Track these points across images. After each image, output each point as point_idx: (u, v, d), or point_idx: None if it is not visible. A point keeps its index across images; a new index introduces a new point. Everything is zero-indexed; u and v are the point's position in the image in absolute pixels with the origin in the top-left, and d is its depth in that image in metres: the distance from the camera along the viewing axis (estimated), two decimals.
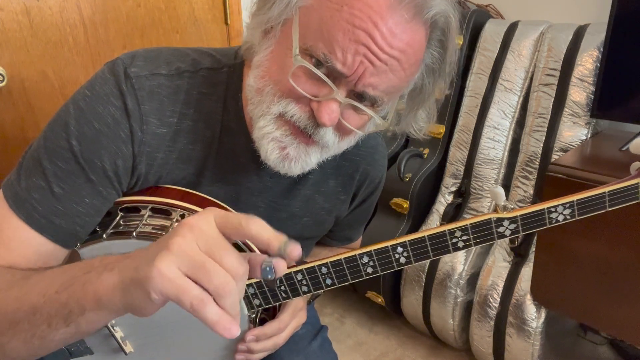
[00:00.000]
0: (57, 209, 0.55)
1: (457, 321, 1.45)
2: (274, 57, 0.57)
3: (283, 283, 0.59)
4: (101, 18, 1.26)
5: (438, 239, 0.56)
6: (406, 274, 1.54)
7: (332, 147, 0.59)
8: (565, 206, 0.55)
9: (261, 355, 0.67)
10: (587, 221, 1.11)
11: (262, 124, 0.57)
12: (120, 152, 0.57)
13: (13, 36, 1.13)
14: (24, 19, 1.14)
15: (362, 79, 0.53)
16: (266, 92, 0.56)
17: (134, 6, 1.32)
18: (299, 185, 0.71)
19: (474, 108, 1.50)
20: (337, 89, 0.53)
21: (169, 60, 0.62)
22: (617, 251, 1.03)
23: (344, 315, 1.77)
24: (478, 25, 1.52)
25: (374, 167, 0.78)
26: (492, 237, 0.56)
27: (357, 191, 0.78)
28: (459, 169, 1.52)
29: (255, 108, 0.58)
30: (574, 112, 1.30)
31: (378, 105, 0.57)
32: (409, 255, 0.57)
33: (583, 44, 1.30)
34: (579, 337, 1.54)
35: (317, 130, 0.56)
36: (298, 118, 0.55)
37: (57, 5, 1.18)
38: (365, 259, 0.57)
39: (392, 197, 1.58)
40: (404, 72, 0.55)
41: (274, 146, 0.57)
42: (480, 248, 1.45)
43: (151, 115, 0.58)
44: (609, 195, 0.55)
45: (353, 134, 0.60)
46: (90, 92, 0.57)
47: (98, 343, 0.63)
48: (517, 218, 0.55)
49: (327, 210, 0.76)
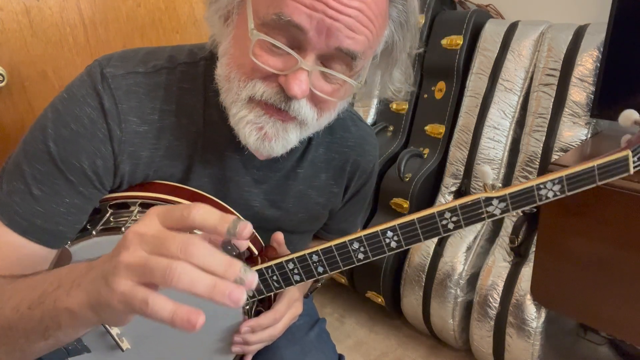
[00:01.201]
0: (37, 211, 0.55)
1: (457, 321, 1.45)
2: (235, 41, 0.56)
3: (275, 273, 0.59)
4: (101, 18, 1.26)
5: (428, 221, 0.55)
6: (406, 274, 1.54)
7: (311, 123, 0.58)
8: (554, 182, 0.54)
9: (258, 346, 0.67)
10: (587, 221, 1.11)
11: (235, 111, 0.57)
12: (99, 152, 0.57)
13: (13, 36, 1.13)
14: (24, 19, 1.14)
15: (331, 33, 0.51)
16: (232, 77, 0.56)
17: (134, 6, 1.32)
18: (290, 180, 0.71)
19: (474, 108, 1.50)
20: (301, 58, 0.52)
21: (146, 58, 0.62)
22: (617, 251, 1.03)
23: (344, 315, 1.77)
24: (478, 25, 1.52)
25: (365, 157, 0.77)
26: (482, 217, 0.55)
27: (350, 183, 0.78)
28: (459, 169, 1.52)
29: (227, 96, 0.58)
30: (574, 112, 1.30)
31: (351, 69, 0.56)
32: (399, 240, 0.56)
33: (583, 44, 1.30)
34: (579, 337, 1.54)
35: (290, 104, 0.54)
36: (268, 95, 0.54)
37: (57, 5, 1.18)
38: (355, 245, 0.57)
39: (392, 197, 1.58)
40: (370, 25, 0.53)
41: (251, 128, 0.56)
42: (480, 248, 1.45)
43: (130, 114, 0.58)
44: (598, 168, 0.53)
45: (331, 106, 0.59)
46: (67, 94, 0.58)
47: (95, 341, 0.63)
48: (506, 196, 0.54)
49: (321, 205, 0.76)
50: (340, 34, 0.51)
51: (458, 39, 1.52)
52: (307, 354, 0.74)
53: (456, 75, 1.54)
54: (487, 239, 1.47)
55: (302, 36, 0.51)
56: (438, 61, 1.58)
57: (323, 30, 0.51)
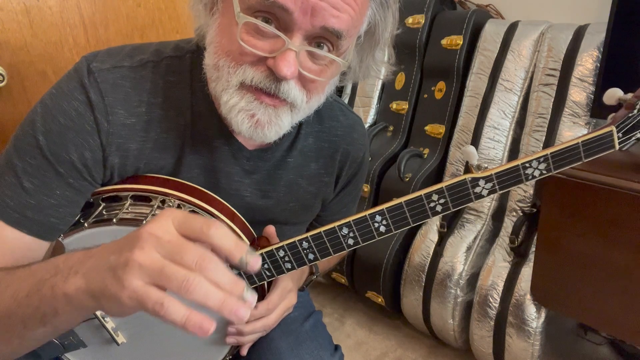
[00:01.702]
0: (28, 203, 0.56)
1: (457, 321, 1.45)
2: (221, 29, 0.57)
3: (266, 261, 0.60)
4: (101, 18, 1.26)
5: (415, 203, 0.55)
6: (406, 274, 1.54)
7: (301, 106, 0.59)
8: (539, 160, 0.54)
9: (252, 337, 0.67)
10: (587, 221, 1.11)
11: (226, 99, 0.57)
12: (87, 144, 0.58)
13: (13, 36, 1.13)
14: (24, 19, 1.14)
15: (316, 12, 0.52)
16: (221, 65, 0.56)
17: (134, 6, 1.32)
18: (280, 170, 0.72)
19: (474, 108, 1.50)
20: (289, 39, 0.53)
21: (132, 53, 0.63)
22: (617, 251, 1.03)
23: (343, 315, 1.77)
24: (478, 25, 1.52)
25: (354, 145, 0.77)
26: (469, 197, 0.55)
27: (340, 172, 0.78)
28: (459, 169, 1.52)
29: (217, 85, 0.58)
30: (574, 112, 1.30)
31: (337, 48, 0.56)
32: (388, 224, 0.56)
33: (583, 44, 1.30)
34: (579, 337, 1.54)
35: (280, 86, 0.55)
36: (258, 80, 0.55)
37: (57, 5, 1.18)
38: (345, 230, 0.57)
39: (392, 197, 1.57)
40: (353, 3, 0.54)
41: (243, 116, 0.57)
42: (480, 248, 1.45)
43: (117, 107, 0.59)
44: (583, 145, 0.53)
45: (319, 87, 0.60)
46: (56, 90, 0.59)
47: (90, 335, 0.64)
48: (492, 176, 0.54)
49: (312, 194, 0.76)
50: (325, 12, 0.52)
51: (458, 39, 1.52)
52: (302, 344, 0.74)
53: (456, 75, 1.54)
54: (487, 239, 1.47)
55: (287, 17, 0.52)
56: (438, 61, 1.58)
57: (308, 10, 0.51)
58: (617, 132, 0.54)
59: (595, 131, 0.54)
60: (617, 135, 0.54)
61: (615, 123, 0.54)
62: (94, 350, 0.65)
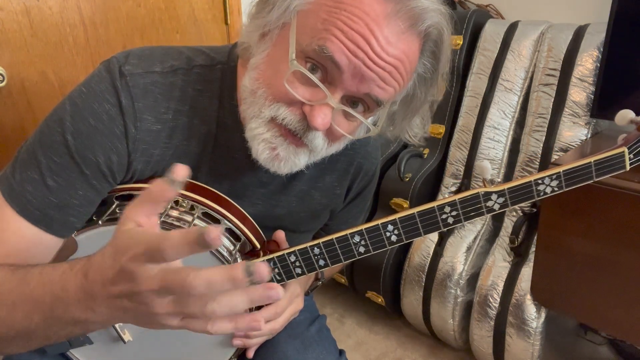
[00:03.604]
0: (50, 201, 0.56)
1: (457, 321, 1.45)
2: (269, 60, 0.57)
3: (277, 266, 0.60)
4: (101, 18, 1.26)
5: (428, 215, 0.56)
6: (406, 274, 1.54)
7: (320, 151, 0.60)
8: (552, 177, 0.55)
9: (258, 340, 0.67)
10: (587, 221, 1.11)
11: (253, 125, 0.58)
12: (115, 148, 0.58)
13: (13, 36, 1.13)
14: (24, 19, 1.14)
15: (363, 81, 0.53)
16: (259, 94, 0.57)
17: (134, 6, 1.32)
18: (294, 181, 0.72)
19: (474, 108, 1.50)
20: (330, 95, 0.54)
21: (163, 58, 0.63)
22: (617, 251, 1.03)
23: (343, 315, 1.77)
24: (478, 25, 1.52)
25: (368, 159, 0.79)
26: (481, 211, 0.56)
27: (352, 184, 0.79)
28: (459, 169, 1.52)
29: (248, 108, 0.59)
30: (574, 112, 1.30)
31: (370, 111, 0.58)
32: (399, 233, 0.57)
33: (583, 44, 1.30)
34: (579, 337, 1.54)
35: (308, 133, 0.57)
36: (289, 121, 0.56)
37: (57, 5, 1.18)
38: (356, 238, 0.58)
39: (392, 197, 1.58)
40: (401, 80, 0.56)
41: (265, 147, 0.58)
42: (480, 248, 1.45)
43: (145, 113, 0.59)
44: (595, 164, 0.54)
45: (342, 139, 0.62)
46: (86, 89, 0.58)
47: (97, 332, 0.64)
48: (505, 191, 0.55)
49: (323, 205, 0.77)
50: (373, 83, 0.54)
51: (458, 39, 1.52)
52: (308, 348, 0.74)
53: (456, 75, 1.54)
54: (487, 239, 1.47)
55: (336, 74, 0.53)
56: None
57: (357, 76, 0.53)
58: (629, 153, 0.55)
59: (608, 151, 0.55)
60: (629, 157, 0.55)
61: (627, 144, 0.55)
62: (100, 348, 0.66)
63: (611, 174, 0.55)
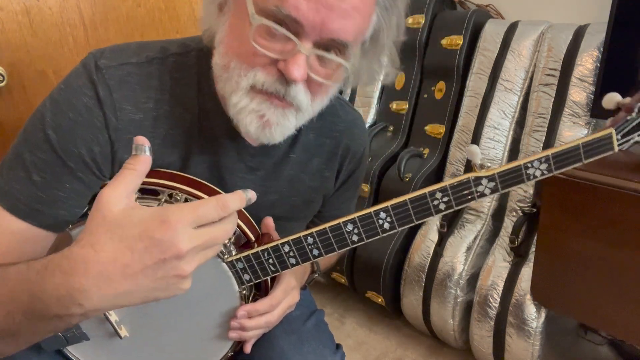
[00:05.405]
0: (38, 197, 0.57)
1: (457, 321, 1.45)
2: (232, 30, 0.58)
3: (271, 256, 0.60)
4: (101, 18, 1.26)
5: (419, 201, 0.57)
6: (406, 274, 1.54)
7: (306, 108, 0.60)
8: (541, 161, 0.56)
9: (255, 333, 0.67)
10: (587, 221, 1.11)
11: (235, 100, 0.58)
12: (96, 139, 0.59)
13: (13, 36, 1.13)
14: (24, 19, 1.14)
15: (325, 26, 0.53)
16: (232, 67, 0.57)
17: (134, 6, 1.32)
18: (282, 165, 0.73)
19: (474, 108, 1.50)
20: (300, 42, 0.54)
21: (138, 51, 0.64)
22: (617, 251, 1.03)
23: (343, 315, 1.77)
24: (478, 25, 1.52)
25: (355, 140, 0.79)
26: (472, 196, 0.57)
27: (341, 167, 0.80)
28: (459, 169, 1.52)
29: (225, 85, 0.59)
30: (574, 112, 1.30)
31: (344, 53, 0.58)
32: (392, 221, 0.58)
33: (583, 44, 1.30)
34: (579, 337, 1.54)
35: (289, 90, 0.57)
36: (269, 83, 0.56)
37: (57, 5, 1.18)
38: (349, 227, 0.58)
39: (392, 197, 1.57)
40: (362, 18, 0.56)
41: (253, 117, 0.58)
42: (480, 248, 1.45)
43: (124, 103, 0.60)
44: (584, 146, 0.55)
45: (324, 91, 0.61)
46: (64, 85, 0.60)
47: (93, 328, 0.65)
48: (495, 176, 0.56)
49: (314, 189, 0.78)
50: (334, 26, 0.54)
51: (458, 39, 1.52)
52: (304, 343, 0.74)
53: (456, 75, 1.54)
54: (487, 239, 1.47)
55: (298, 27, 0.53)
56: (438, 61, 1.58)
57: (318, 23, 0.53)
58: (617, 134, 0.56)
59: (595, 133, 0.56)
60: (616, 138, 0.56)
61: (614, 125, 0.56)
62: (96, 344, 0.66)
63: (600, 156, 0.56)
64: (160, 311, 0.64)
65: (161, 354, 0.69)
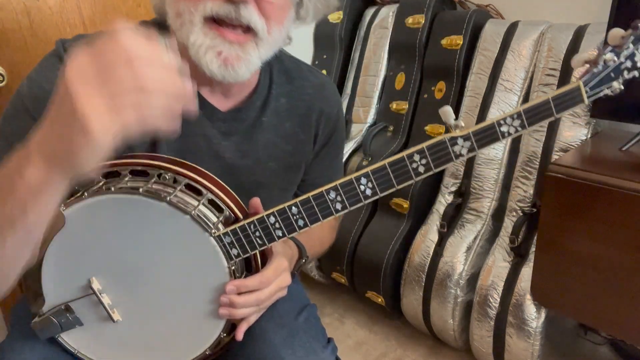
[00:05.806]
0: None
1: (457, 321, 1.45)
2: None
3: (257, 229, 0.62)
4: (101, 18, 1.26)
5: (398, 164, 0.59)
6: (406, 274, 1.54)
7: (263, 36, 0.62)
8: (513, 117, 0.58)
9: (245, 311, 0.67)
10: (587, 221, 1.11)
11: (192, 39, 0.60)
12: None
13: (13, 36, 1.13)
14: (24, 19, 1.14)
15: None
16: (182, 9, 0.60)
17: (134, 6, 1.32)
18: (256, 129, 0.75)
19: (474, 108, 1.50)
20: None
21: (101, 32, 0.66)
22: (617, 251, 1.03)
23: (343, 315, 1.77)
24: (478, 25, 1.52)
25: (326, 102, 0.81)
26: (449, 157, 0.59)
27: (317, 131, 0.81)
28: (459, 169, 1.52)
29: (182, 31, 0.61)
30: (574, 112, 1.30)
31: None
32: (373, 186, 0.59)
33: (583, 44, 1.30)
34: (579, 337, 1.54)
35: (239, 11, 0.58)
36: (219, 10, 0.58)
37: (57, 5, 1.18)
38: (332, 195, 0.60)
39: (392, 197, 1.58)
40: None
41: (211, 55, 0.60)
42: (480, 248, 1.45)
43: None
44: (553, 100, 0.57)
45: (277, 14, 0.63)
46: (38, 66, 0.66)
47: (87, 312, 0.66)
48: (470, 134, 0.58)
49: (290, 153, 0.79)
50: None
51: (458, 39, 1.52)
52: (295, 337, 0.74)
53: (456, 75, 1.54)
54: (487, 239, 1.47)
55: None
56: (438, 61, 1.58)
57: None
58: (585, 86, 0.58)
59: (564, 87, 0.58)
60: (585, 90, 0.58)
61: (581, 78, 0.59)
62: (90, 329, 0.67)
63: (571, 109, 0.58)
64: (153, 293, 0.65)
65: (155, 337, 0.69)
